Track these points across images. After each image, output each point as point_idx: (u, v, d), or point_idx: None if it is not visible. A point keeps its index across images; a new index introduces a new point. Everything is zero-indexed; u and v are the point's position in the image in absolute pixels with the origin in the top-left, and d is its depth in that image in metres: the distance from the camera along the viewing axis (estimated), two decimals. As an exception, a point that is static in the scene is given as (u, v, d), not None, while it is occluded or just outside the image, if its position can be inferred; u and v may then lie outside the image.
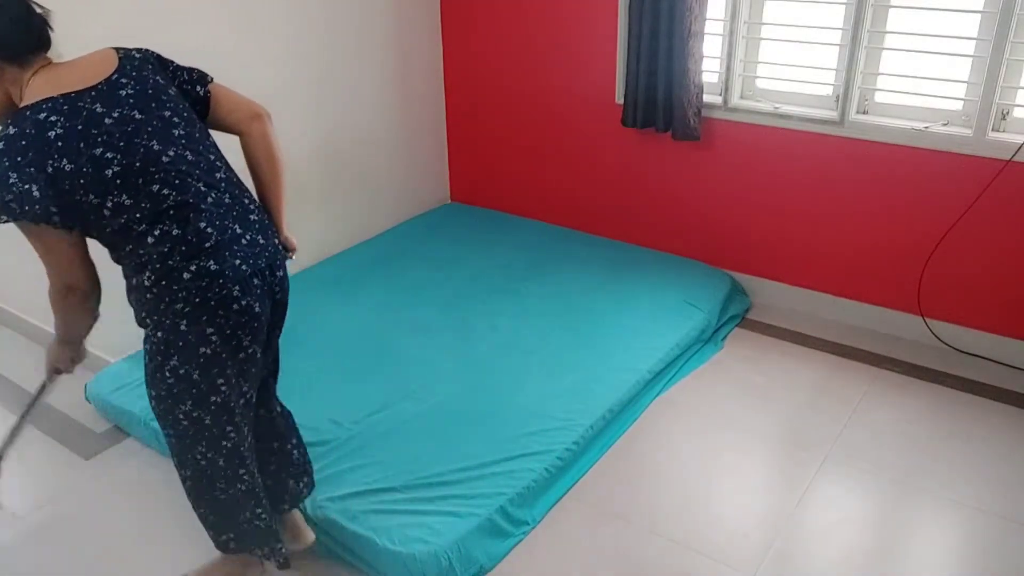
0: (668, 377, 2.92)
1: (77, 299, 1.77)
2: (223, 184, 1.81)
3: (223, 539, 2.07)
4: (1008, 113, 2.79)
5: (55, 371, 2.00)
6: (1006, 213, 2.85)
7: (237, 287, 1.74)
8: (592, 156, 3.72)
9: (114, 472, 2.60)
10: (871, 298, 3.24)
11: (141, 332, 1.80)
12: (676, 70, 3.18)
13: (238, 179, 1.89)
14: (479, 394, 2.68)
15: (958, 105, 2.86)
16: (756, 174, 3.30)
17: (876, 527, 2.31)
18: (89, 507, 2.47)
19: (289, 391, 2.68)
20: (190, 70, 1.90)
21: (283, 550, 2.08)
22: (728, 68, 3.21)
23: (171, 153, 1.73)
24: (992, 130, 2.81)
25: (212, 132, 1.91)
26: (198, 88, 1.89)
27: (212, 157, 1.83)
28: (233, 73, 3.09)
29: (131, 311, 1.81)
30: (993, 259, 2.93)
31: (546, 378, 2.76)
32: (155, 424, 2.57)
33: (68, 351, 1.95)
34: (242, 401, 1.88)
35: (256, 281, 1.79)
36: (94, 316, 1.85)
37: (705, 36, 3.14)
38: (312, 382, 2.73)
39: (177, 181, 1.72)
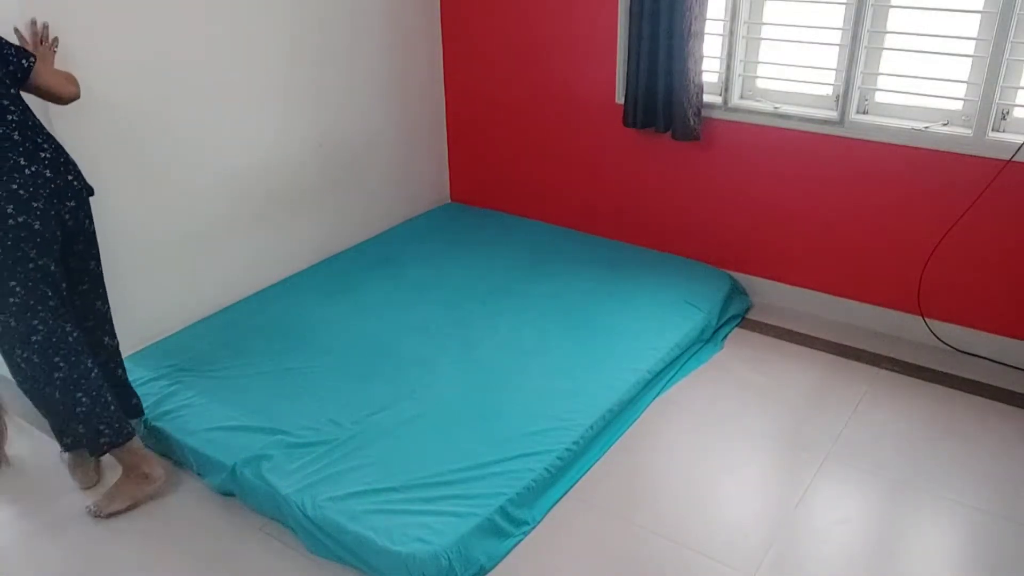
0: (668, 377, 2.92)
1: None
2: (13, 124, 2.17)
3: (67, 441, 2.46)
4: (1008, 113, 2.79)
5: None
6: (1006, 213, 2.85)
7: (11, 206, 2.12)
8: (592, 156, 3.72)
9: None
10: (871, 298, 3.24)
11: (141, 332, 1.82)
12: (676, 70, 3.18)
13: (36, 122, 2.25)
14: (479, 394, 2.69)
15: (958, 105, 2.87)
16: (756, 174, 3.31)
17: (876, 527, 2.31)
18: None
19: (290, 391, 2.70)
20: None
21: (106, 434, 2.33)
22: (728, 68, 3.21)
23: None
24: (992, 130, 2.81)
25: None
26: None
27: (6, 103, 2.17)
28: (232, 73, 3.12)
29: (133, 313, 1.84)
30: (993, 259, 2.93)
31: (546, 378, 2.76)
32: (155, 424, 2.59)
33: None
34: (51, 304, 2.22)
35: (36, 204, 2.16)
36: None
37: (705, 36, 3.14)
38: (312, 382, 2.73)
39: None
